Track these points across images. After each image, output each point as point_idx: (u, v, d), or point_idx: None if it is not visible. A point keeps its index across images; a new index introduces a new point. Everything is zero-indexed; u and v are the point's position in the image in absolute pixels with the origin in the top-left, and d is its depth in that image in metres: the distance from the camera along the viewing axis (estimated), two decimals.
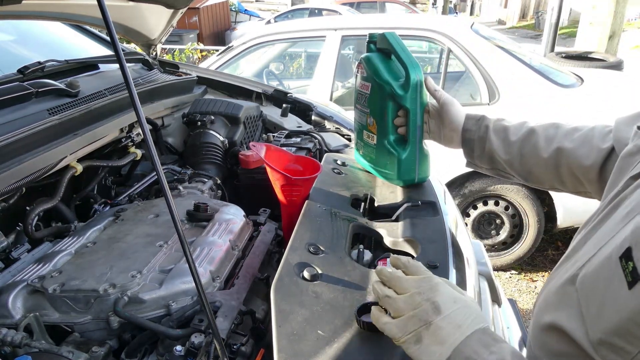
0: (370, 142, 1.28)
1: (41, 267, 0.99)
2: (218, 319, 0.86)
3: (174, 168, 1.61)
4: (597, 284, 0.54)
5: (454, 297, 0.65)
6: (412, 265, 0.70)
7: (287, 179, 1.10)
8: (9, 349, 0.81)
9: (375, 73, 1.20)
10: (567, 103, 2.99)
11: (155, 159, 0.68)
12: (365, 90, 1.24)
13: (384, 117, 1.21)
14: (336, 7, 12.36)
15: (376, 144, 1.26)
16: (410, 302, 0.65)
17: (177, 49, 7.11)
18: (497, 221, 3.25)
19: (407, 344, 0.63)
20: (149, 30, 1.88)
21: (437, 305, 0.64)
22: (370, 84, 1.22)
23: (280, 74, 4.57)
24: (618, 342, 0.50)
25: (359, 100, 1.29)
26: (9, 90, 1.21)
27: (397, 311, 0.66)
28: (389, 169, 1.26)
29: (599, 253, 0.57)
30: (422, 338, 0.63)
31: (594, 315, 0.53)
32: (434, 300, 0.64)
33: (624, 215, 0.58)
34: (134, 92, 0.67)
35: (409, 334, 0.63)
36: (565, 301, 0.59)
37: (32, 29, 1.98)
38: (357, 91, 1.29)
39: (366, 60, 1.23)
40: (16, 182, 1.08)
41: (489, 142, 1.04)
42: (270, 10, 16.67)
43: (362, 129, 1.31)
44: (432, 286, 0.66)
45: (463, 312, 0.64)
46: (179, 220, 0.68)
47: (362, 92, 1.26)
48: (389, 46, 1.19)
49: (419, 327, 0.63)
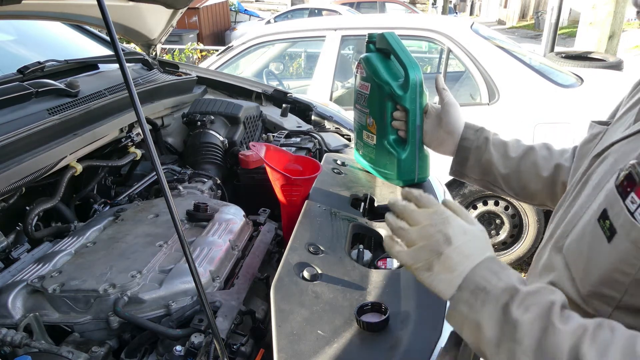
0: (369, 142, 1.28)
1: (41, 267, 0.99)
2: (218, 319, 0.86)
3: (174, 168, 1.61)
4: (582, 247, 0.62)
5: (464, 229, 0.69)
6: (424, 198, 0.73)
7: (287, 178, 1.10)
8: (9, 349, 0.81)
9: (375, 73, 1.20)
10: (567, 103, 2.99)
11: (155, 159, 0.68)
12: (365, 91, 1.24)
13: (383, 117, 1.22)
14: (336, 7, 12.36)
15: (376, 144, 1.26)
16: (423, 234, 0.68)
17: (176, 48, 7.11)
18: (497, 221, 3.25)
19: (419, 271, 0.67)
20: (149, 30, 1.88)
21: (448, 237, 0.67)
22: (369, 84, 1.22)
23: (280, 74, 4.57)
24: (605, 291, 0.59)
25: (358, 100, 1.29)
26: (9, 90, 1.21)
27: (410, 242, 0.69)
28: (388, 169, 1.26)
29: (579, 222, 0.65)
30: (433, 266, 0.67)
31: (582, 272, 0.62)
32: (445, 232, 0.67)
33: (594, 187, 0.67)
34: (134, 92, 0.67)
35: (420, 262, 0.67)
36: (554, 268, 0.68)
37: (32, 29, 1.98)
38: (356, 91, 1.29)
39: (365, 61, 1.24)
40: (16, 182, 1.08)
41: (488, 154, 1.05)
42: (270, 10, 16.67)
43: (362, 129, 1.31)
44: (444, 219, 0.69)
45: (472, 243, 0.68)
46: (178, 220, 0.68)
47: (361, 93, 1.26)
48: (388, 46, 1.19)
49: (430, 257, 0.67)
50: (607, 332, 0.54)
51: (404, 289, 0.87)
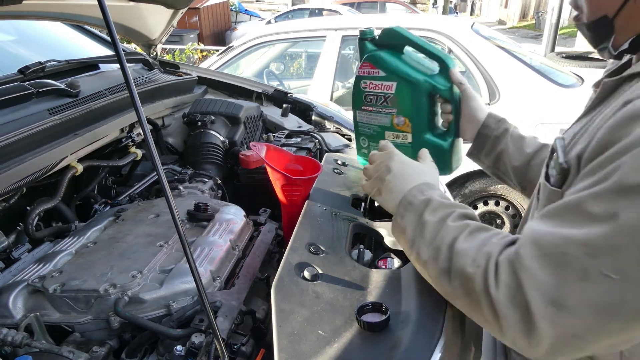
0: (401, 141, 1.20)
1: (42, 267, 0.99)
2: (218, 319, 0.86)
3: (175, 168, 1.61)
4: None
5: (403, 160, 0.92)
6: (383, 146, 0.99)
7: (287, 179, 1.10)
8: (10, 349, 0.81)
9: (400, 71, 1.13)
10: (567, 103, 2.99)
11: (155, 159, 0.68)
12: (387, 90, 1.16)
13: (421, 113, 1.15)
14: (336, 7, 12.36)
15: (412, 141, 1.19)
16: (375, 168, 0.95)
17: (177, 49, 7.12)
18: (497, 221, 3.25)
19: (375, 196, 0.93)
20: (150, 31, 1.88)
21: (389, 167, 0.91)
22: (394, 83, 1.14)
23: (281, 74, 4.57)
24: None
25: (372, 102, 1.20)
26: (9, 90, 1.21)
27: (368, 176, 0.96)
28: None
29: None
30: (381, 191, 0.91)
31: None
32: (387, 164, 0.92)
33: None
34: (135, 92, 0.67)
35: (374, 189, 0.93)
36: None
37: (33, 29, 1.98)
38: (365, 93, 1.20)
39: (377, 59, 1.16)
40: (17, 182, 1.08)
41: (504, 145, 1.08)
42: (271, 10, 16.67)
43: (383, 131, 1.22)
44: (389, 155, 0.94)
45: (409, 171, 0.90)
46: (179, 220, 0.68)
47: (378, 94, 1.18)
48: (402, 40, 1.13)
49: (378, 184, 0.91)
50: (484, 231, 0.71)
51: (404, 289, 0.87)
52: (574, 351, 0.61)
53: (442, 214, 0.76)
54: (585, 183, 0.61)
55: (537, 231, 0.63)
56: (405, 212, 0.82)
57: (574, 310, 0.58)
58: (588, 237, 0.58)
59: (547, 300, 0.59)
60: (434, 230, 0.75)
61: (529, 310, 0.60)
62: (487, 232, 0.72)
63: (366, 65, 1.18)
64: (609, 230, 0.56)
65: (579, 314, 0.58)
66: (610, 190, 0.57)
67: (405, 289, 0.86)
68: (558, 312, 0.58)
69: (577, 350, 0.61)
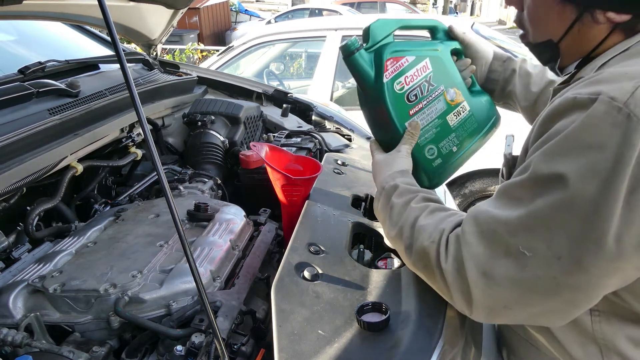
0: (464, 115, 1.08)
1: (42, 267, 0.99)
2: (218, 318, 0.86)
3: (175, 168, 1.61)
4: None
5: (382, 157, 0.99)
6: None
7: (287, 179, 1.10)
8: (10, 348, 0.81)
9: (422, 49, 1.04)
10: None
11: (155, 159, 0.68)
12: (425, 72, 1.03)
13: (458, 76, 1.08)
14: (336, 7, 12.35)
15: (470, 107, 1.08)
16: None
17: (177, 49, 7.12)
18: None
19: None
20: (150, 31, 1.88)
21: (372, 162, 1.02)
22: (426, 60, 1.03)
23: (281, 74, 4.57)
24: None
25: (418, 96, 1.02)
26: (9, 90, 1.21)
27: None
28: (491, 115, 1.12)
29: None
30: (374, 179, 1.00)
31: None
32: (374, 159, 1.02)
33: None
34: (135, 92, 0.67)
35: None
36: None
37: (33, 29, 1.98)
38: (407, 91, 1.01)
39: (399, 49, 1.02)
40: (17, 182, 1.08)
41: (512, 86, 1.09)
42: (271, 10, 16.67)
43: (444, 118, 1.06)
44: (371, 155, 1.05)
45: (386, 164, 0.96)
46: (179, 220, 0.68)
47: (420, 81, 1.03)
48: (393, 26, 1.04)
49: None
50: (443, 211, 0.80)
51: (404, 289, 0.87)
52: (508, 319, 0.71)
53: (406, 198, 0.85)
54: (517, 171, 0.70)
55: (478, 210, 0.71)
56: (380, 196, 0.92)
57: (500, 282, 0.65)
58: (509, 218, 0.66)
59: (480, 272, 0.67)
60: (399, 212, 0.84)
61: (467, 280, 0.68)
62: (445, 211, 0.80)
63: (391, 63, 1.01)
64: (524, 213, 0.64)
65: (504, 286, 0.65)
66: (527, 179, 0.66)
67: (405, 289, 0.86)
68: (488, 283, 0.66)
69: (511, 319, 0.71)
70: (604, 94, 0.60)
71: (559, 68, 0.82)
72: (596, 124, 0.60)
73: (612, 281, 0.63)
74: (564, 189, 0.60)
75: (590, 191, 0.59)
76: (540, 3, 0.76)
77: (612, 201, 0.58)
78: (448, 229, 0.74)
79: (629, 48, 0.69)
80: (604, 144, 0.59)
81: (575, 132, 0.61)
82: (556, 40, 0.77)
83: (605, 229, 0.58)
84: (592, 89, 0.62)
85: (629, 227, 0.59)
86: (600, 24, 0.71)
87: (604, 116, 0.59)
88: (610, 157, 0.58)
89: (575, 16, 0.72)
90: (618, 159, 0.58)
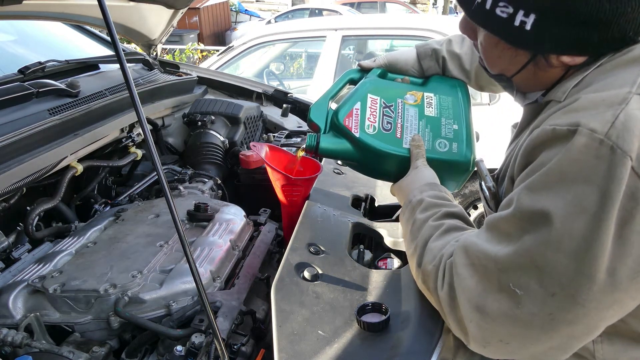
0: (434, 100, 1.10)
1: (42, 267, 0.99)
2: (218, 319, 0.86)
3: (175, 168, 1.61)
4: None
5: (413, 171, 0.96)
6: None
7: (287, 179, 1.10)
8: (10, 349, 0.81)
9: (355, 92, 1.08)
10: None
11: (155, 159, 0.68)
12: (376, 103, 1.05)
13: (402, 85, 1.11)
14: (336, 7, 12.34)
15: (432, 91, 1.11)
16: None
17: (177, 49, 7.11)
18: None
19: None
20: (150, 31, 1.88)
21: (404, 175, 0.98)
22: (369, 97, 1.06)
23: (281, 74, 4.57)
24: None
25: (388, 120, 1.04)
26: (9, 90, 1.21)
27: None
28: (452, 83, 1.16)
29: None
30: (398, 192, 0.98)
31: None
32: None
33: None
34: (135, 92, 0.67)
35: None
36: None
37: (33, 29, 1.98)
38: (380, 121, 1.03)
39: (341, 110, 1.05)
40: (17, 182, 1.08)
41: (449, 71, 1.11)
42: (271, 10, 16.66)
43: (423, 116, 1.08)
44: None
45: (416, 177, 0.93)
46: (179, 220, 0.68)
47: (382, 112, 1.05)
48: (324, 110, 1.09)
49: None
50: (455, 232, 0.76)
51: (404, 289, 0.87)
52: (506, 354, 0.67)
53: (428, 214, 0.83)
54: (503, 202, 0.68)
55: (469, 241, 0.69)
56: (405, 209, 0.90)
57: (494, 317, 0.63)
58: (498, 255, 0.63)
59: (472, 306, 0.65)
60: (418, 228, 0.82)
61: (460, 314, 0.67)
62: (457, 232, 0.77)
63: (349, 121, 1.03)
64: (512, 251, 0.62)
65: (499, 322, 0.63)
66: (512, 214, 0.63)
67: (405, 289, 0.86)
68: (482, 318, 0.64)
69: (509, 354, 0.66)
70: (583, 125, 0.57)
71: (517, 96, 0.81)
72: (578, 158, 0.57)
73: (610, 312, 0.60)
74: (550, 226, 0.58)
75: (578, 228, 0.57)
76: (492, 45, 0.73)
77: (603, 236, 0.56)
78: (447, 255, 0.72)
79: (601, 65, 0.66)
80: (588, 178, 0.56)
81: (558, 166, 0.59)
82: (509, 76, 0.76)
83: (598, 265, 0.56)
84: (570, 120, 0.60)
85: (622, 260, 0.56)
86: (555, 67, 0.69)
87: (585, 150, 0.57)
88: (596, 191, 0.56)
89: (527, 59, 0.71)
90: (605, 194, 0.55)
